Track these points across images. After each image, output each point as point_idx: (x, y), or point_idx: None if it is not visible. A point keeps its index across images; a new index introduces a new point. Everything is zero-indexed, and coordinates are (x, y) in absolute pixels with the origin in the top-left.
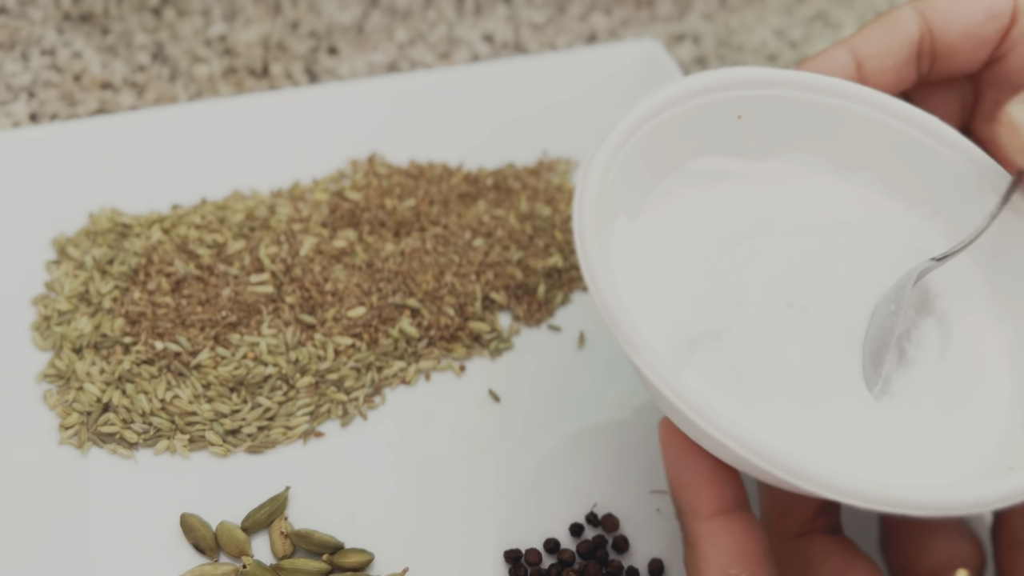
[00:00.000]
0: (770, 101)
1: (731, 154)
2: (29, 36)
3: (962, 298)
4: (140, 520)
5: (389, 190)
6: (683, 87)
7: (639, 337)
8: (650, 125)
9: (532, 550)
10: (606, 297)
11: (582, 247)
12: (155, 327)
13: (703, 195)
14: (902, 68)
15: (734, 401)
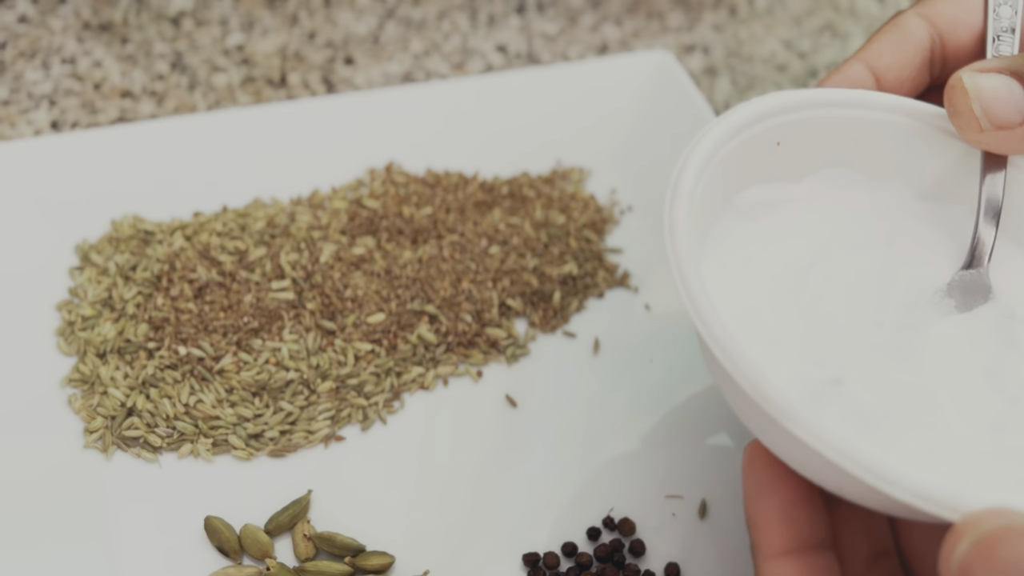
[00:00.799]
0: (802, 123)
1: (769, 180)
2: (50, 45)
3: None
4: (165, 523)
5: (406, 198)
6: (728, 124)
7: (786, 399)
8: (709, 169)
9: (550, 553)
10: (741, 364)
11: (695, 309)
12: (178, 332)
13: (756, 229)
14: (917, 75)
15: (871, 444)
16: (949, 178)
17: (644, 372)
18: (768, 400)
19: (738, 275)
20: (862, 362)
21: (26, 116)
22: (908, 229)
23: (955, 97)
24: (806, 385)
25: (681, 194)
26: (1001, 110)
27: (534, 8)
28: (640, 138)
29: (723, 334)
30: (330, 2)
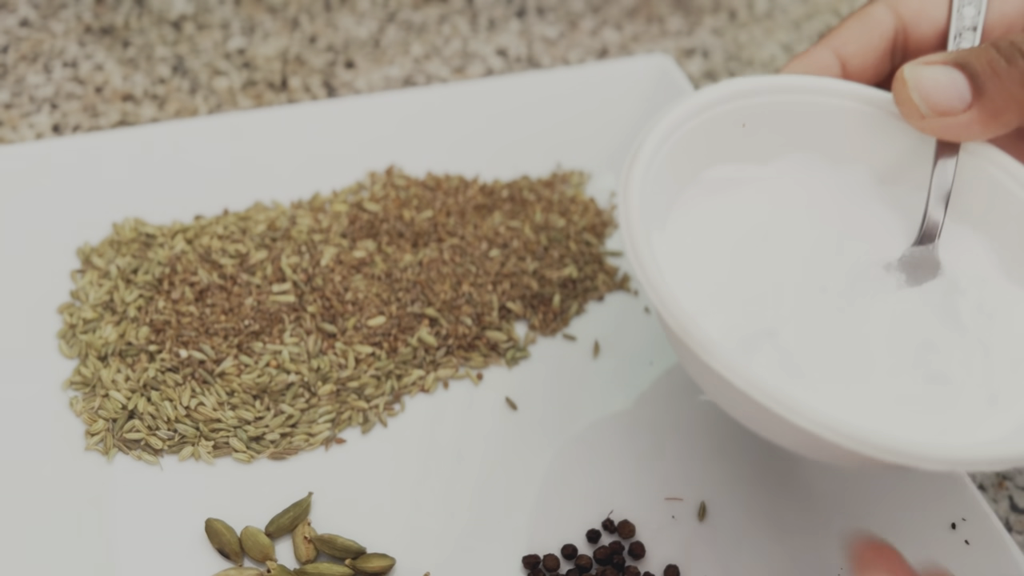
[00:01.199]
0: (769, 107)
1: (738, 160)
2: (51, 49)
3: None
4: (166, 525)
5: (407, 201)
6: (694, 102)
7: (709, 339)
8: (670, 142)
9: (550, 556)
10: (673, 308)
11: (638, 261)
12: (179, 335)
13: (720, 202)
14: (880, 63)
15: (799, 389)
16: (907, 162)
17: (644, 375)
18: (694, 339)
19: (695, 243)
20: (799, 319)
21: (28, 119)
22: (866, 209)
23: (898, 87)
24: (741, 333)
25: (639, 160)
26: (940, 97)
27: (534, 12)
28: None
29: (662, 286)
30: (331, 6)
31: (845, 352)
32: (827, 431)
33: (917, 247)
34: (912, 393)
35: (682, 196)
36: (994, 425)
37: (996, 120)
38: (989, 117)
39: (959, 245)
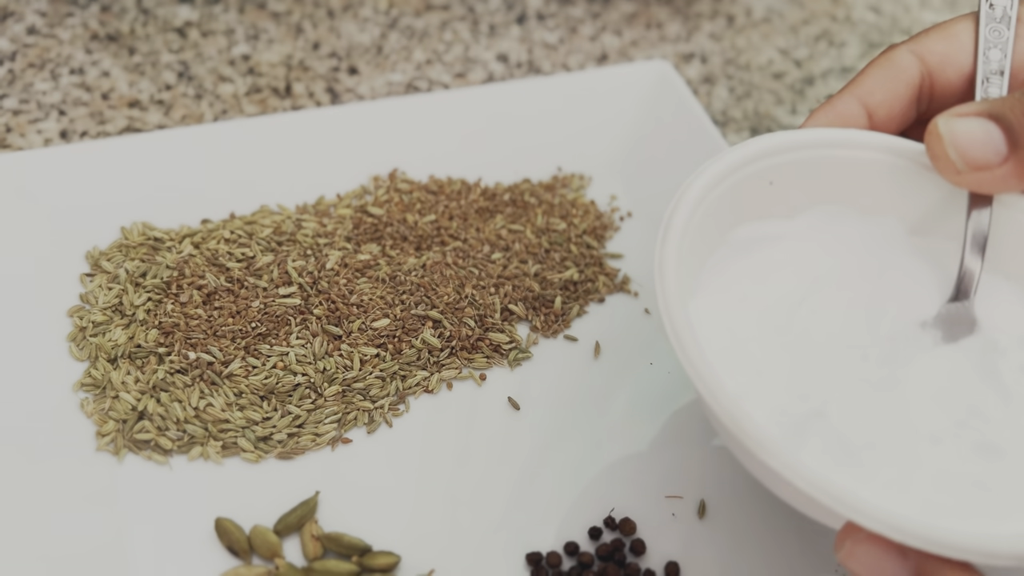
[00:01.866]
0: (796, 163)
1: (766, 217)
2: (59, 56)
3: (1016, 324)
4: (176, 524)
5: (410, 205)
6: (721, 166)
7: (762, 432)
8: (701, 209)
9: (553, 553)
10: (720, 397)
11: (679, 343)
12: (188, 338)
13: (750, 263)
14: (907, 110)
15: (853, 475)
16: (939, 214)
17: (644, 375)
18: (745, 433)
19: (730, 309)
20: (846, 395)
21: (36, 126)
22: (898, 263)
23: (932, 142)
24: (789, 418)
25: (673, 234)
26: (977, 152)
27: (535, 18)
28: (639, 145)
29: (705, 371)
30: (334, 13)
31: (893, 428)
32: (890, 530)
33: (953, 304)
34: (964, 467)
35: (711, 260)
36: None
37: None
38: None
39: (994, 299)
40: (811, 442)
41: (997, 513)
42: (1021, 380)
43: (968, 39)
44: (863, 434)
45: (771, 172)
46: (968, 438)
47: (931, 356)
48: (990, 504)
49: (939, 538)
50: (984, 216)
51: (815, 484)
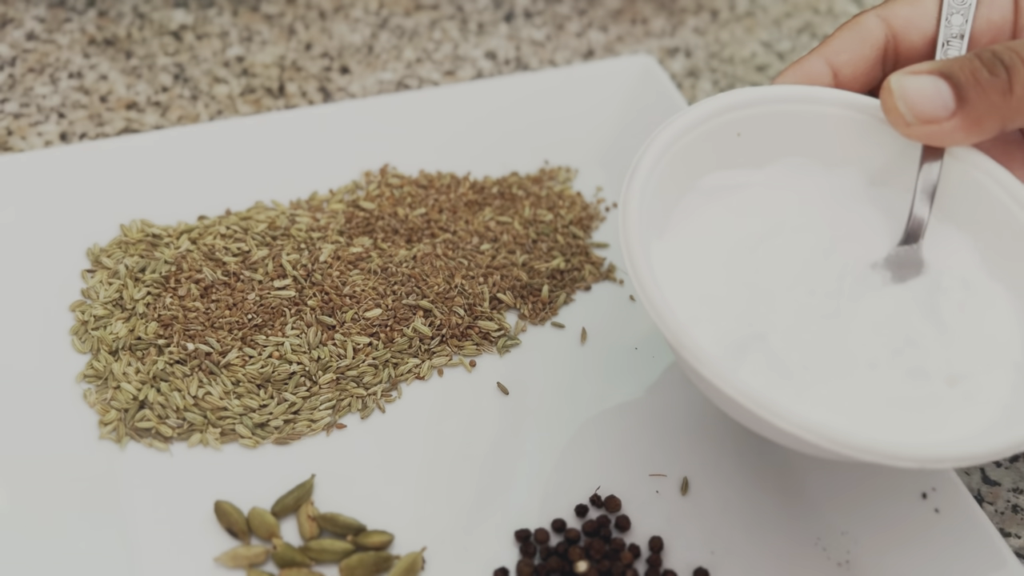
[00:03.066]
0: (763, 116)
1: (734, 167)
2: (57, 60)
3: (960, 266)
4: (177, 508)
5: (401, 199)
6: (691, 116)
7: (700, 348)
8: (669, 154)
9: (541, 530)
10: (668, 319)
11: (635, 274)
12: (186, 329)
13: (717, 208)
14: (871, 71)
15: (787, 391)
16: (896, 165)
17: (628, 360)
18: (687, 350)
19: (693, 249)
20: (790, 322)
21: (36, 128)
22: (856, 211)
23: (884, 96)
24: (733, 340)
25: (638, 176)
26: (926, 106)
27: (522, 16)
28: (624, 138)
29: (657, 298)
30: (325, 14)
31: (831, 352)
32: (805, 432)
33: (903, 247)
34: (894, 389)
35: (680, 204)
36: (967, 421)
37: (978, 127)
38: (971, 124)
39: (944, 245)
40: (751, 360)
41: (916, 429)
42: (958, 316)
43: (933, 5)
44: (801, 356)
45: (739, 124)
46: (902, 364)
47: (878, 293)
48: (911, 422)
49: (845, 439)
50: (935, 168)
51: (743, 392)
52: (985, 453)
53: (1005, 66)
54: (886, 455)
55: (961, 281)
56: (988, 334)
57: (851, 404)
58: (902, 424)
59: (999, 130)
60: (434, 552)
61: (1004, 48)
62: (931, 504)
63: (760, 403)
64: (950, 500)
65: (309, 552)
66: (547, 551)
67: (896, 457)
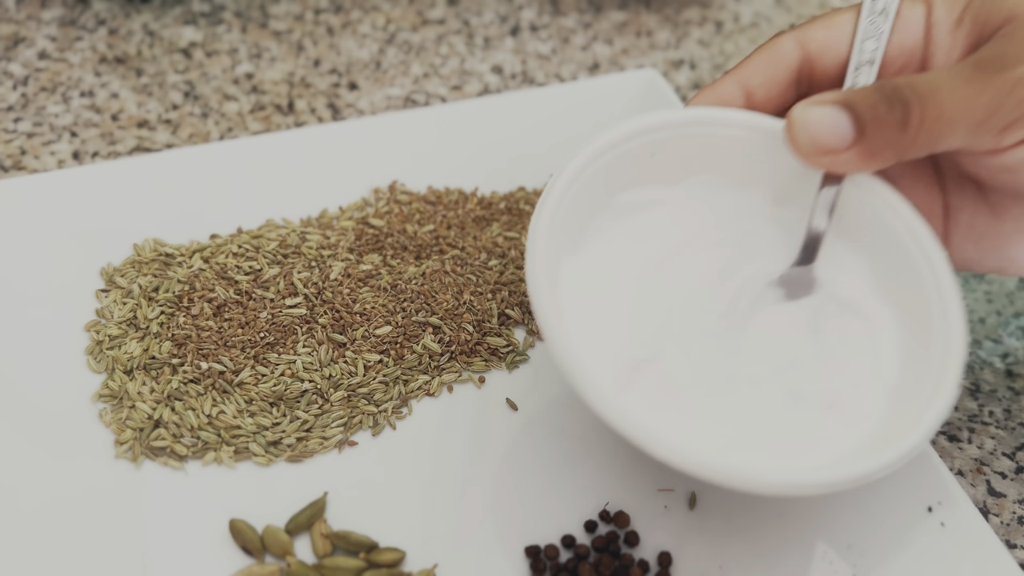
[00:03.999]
0: (676, 139)
1: (647, 184)
2: (69, 79)
3: (851, 288)
4: (192, 525)
5: (410, 216)
6: (608, 139)
7: (582, 372)
8: (584, 175)
9: (550, 545)
10: (555, 341)
11: (534, 294)
12: (200, 348)
13: (629, 226)
14: (785, 93)
15: (673, 411)
16: (801, 186)
17: None
18: (571, 374)
19: (601, 267)
20: (683, 341)
21: (49, 147)
22: (760, 230)
23: (788, 124)
24: (625, 360)
25: (550, 198)
26: (825, 138)
27: (528, 30)
28: None
29: (547, 318)
30: (333, 30)
31: (718, 371)
32: (667, 455)
33: (797, 267)
34: (772, 410)
35: (594, 221)
36: (835, 445)
37: (874, 158)
38: (868, 155)
39: (839, 266)
40: (643, 382)
41: (788, 452)
42: (841, 338)
43: (848, 29)
44: (690, 376)
45: (653, 146)
46: (782, 385)
47: (770, 312)
48: (785, 444)
49: (702, 464)
50: (832, 191)
51: (614, 414)
52: (842, 480)
53: (903, 101)
54: (742, 481)
55: (849, 303)
56: (867, 358)
57: (732, 423)
58: (776, 446)
59: (895, 160)
60: (445, 569)
61: (904, 83)
62: (937, 518)
63: (628, 426)
64: (955, 513)
65: (323, 570)
66: (557, 567)
67: (752, 483)
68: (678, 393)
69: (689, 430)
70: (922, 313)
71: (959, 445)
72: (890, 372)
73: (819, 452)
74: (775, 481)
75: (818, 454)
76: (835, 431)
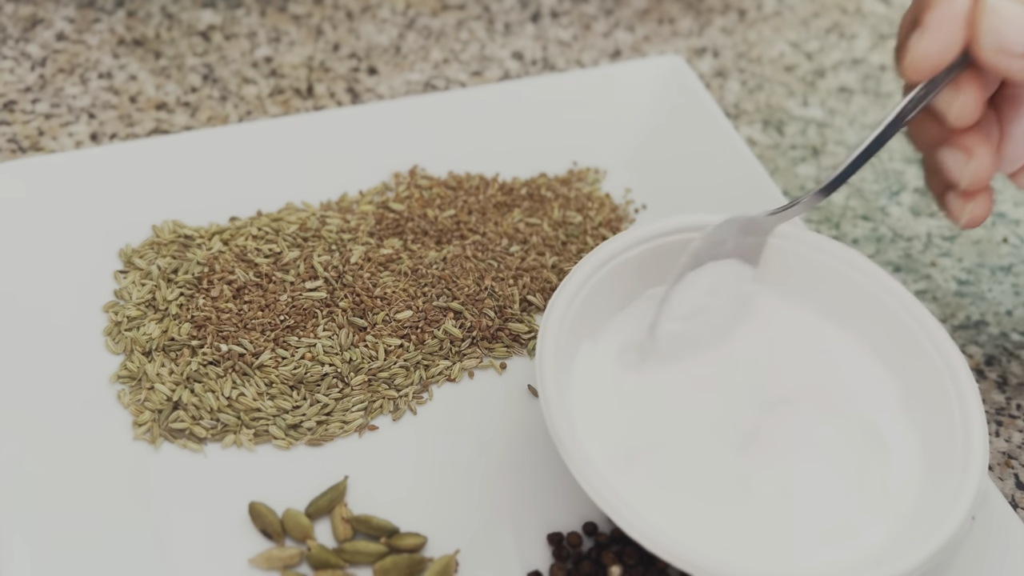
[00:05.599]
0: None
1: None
2: (87, 60)
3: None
4: (211, 509)
5: (430, 201)
6: (650, 230)
7: (580, 458)
8: (609, 266)
9: (573, 533)
10: (556, 425)
11: (540, 379)
12: (220, 331)
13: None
14: None
15: (664, 502)
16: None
17: None
18: (573, 463)
19: (617, 357)
20: (678, 440)
21: (67, 129)
22: (778, 327)
23: (979, 14)
24: (624, 449)
25: (571, 284)
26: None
27: (549, 16)
28: (653, 139)
29: (551, 407)
30: (353, 15)
31: (710, 467)
32: (661, 552)
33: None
34: (774, 522)
35: (622, 312)
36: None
37: None
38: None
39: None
40: (638, 471)
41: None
42: (856, 467)
43: None
44: (683, 472)
45: (623, 266)
46: (773, 487)
47: (790, 423)
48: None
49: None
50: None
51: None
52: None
53: None
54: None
55: (873, 430)
56: (881, 488)
57: (720, 524)
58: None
59: None
60: (467, 555)
61: None
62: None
63: (618, 514)
64: (987, 507)
65: (343, 554)
66: (579, 555)
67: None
68: (670, 487)
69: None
70: (945, 434)
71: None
72: (905, 504)
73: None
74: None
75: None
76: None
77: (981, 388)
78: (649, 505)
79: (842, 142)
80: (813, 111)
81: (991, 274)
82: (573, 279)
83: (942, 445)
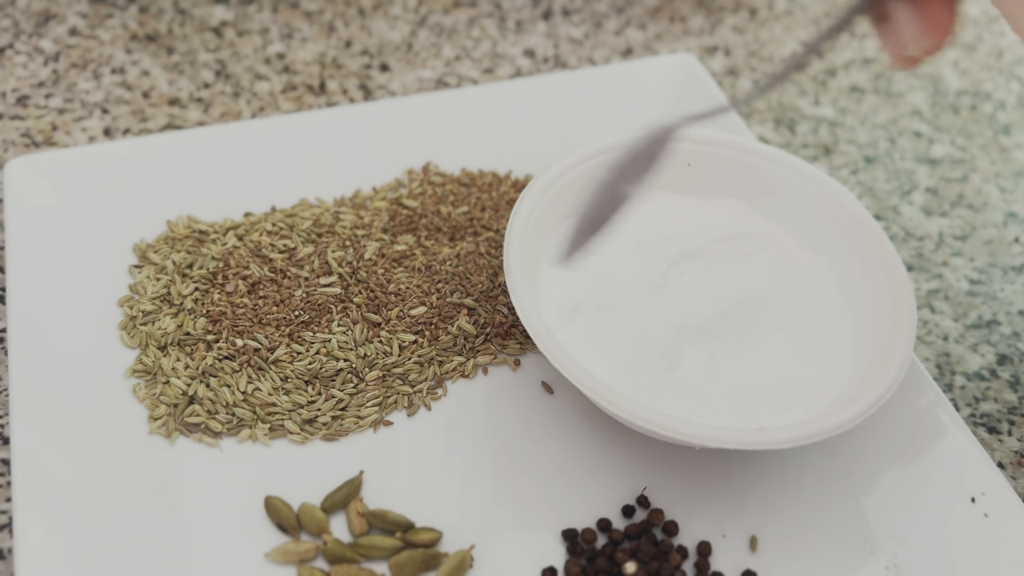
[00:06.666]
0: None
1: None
2: (100, 56)
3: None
4: (227, 503)
5: (443, 197)
6: (569, 160)
7: (528, 304)
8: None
9: (588, 529)
10: (509, 264)
11: (507, 243)
12: (235, 325)
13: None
14: None
15: (600, 351)
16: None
17: None
18: (523, 314)
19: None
20: (628, 303)
21: (80, 124)
22: (723, 230)
23: None
24: (572, 301)
25: (522, 209)
26: None
27: (560, 13)
28: None
29: (514, 270)
30: (365, 12)
31: (649, 329)
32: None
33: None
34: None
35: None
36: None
37: None
38: None
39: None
40: (579, 321)
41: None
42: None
43: None
44: (622, 328)
45: (687, 155)
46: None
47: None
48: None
49: (613, 401)
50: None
51: (540, 333)
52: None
53: None
54: (638, 418)
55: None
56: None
57: (655, 379)
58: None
59: None
60: (482, 550)
61: None
62: (980, 508)
63: (564, 358)
64: (999, 504)
65: (359, 548)
66: (594, 551)
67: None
68: (608, 339)
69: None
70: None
71: (999, 437)
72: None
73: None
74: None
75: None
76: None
77: (993, 388)
78: (586, 353)
79: (853, 141)
80: (824, 110)
81: (1003, 274)
82: (555, 168)
83: (875, 320)
